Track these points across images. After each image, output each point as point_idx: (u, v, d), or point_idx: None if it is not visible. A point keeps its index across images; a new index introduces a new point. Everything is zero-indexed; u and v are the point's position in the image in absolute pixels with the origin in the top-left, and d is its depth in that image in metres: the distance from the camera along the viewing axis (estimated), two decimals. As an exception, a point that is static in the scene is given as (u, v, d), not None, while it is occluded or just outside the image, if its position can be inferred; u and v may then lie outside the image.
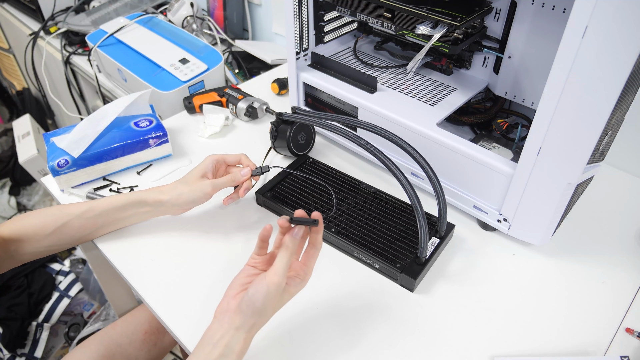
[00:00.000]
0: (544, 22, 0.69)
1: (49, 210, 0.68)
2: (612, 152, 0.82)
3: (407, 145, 0.64)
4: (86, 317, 1.39)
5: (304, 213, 0.51)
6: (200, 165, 0.70)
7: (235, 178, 0.69)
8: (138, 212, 0.70)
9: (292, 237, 0.49)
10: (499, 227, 0.71)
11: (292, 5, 0.80)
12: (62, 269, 1.40)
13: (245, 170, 0.70)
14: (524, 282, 0.67)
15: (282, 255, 0.48)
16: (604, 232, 0.75)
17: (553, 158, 0.58)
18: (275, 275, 0.47)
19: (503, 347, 0.59)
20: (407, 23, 0.71)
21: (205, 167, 0.69)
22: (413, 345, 0.59)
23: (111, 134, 0.83)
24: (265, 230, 0.52)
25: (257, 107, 0.97)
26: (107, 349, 0.80)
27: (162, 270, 0.68)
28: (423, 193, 0.80)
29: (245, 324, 0.48)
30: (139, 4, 1.47)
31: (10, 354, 1.24)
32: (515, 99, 0.79)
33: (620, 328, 0.61)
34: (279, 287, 0.48)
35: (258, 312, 0.48)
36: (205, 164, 0.70)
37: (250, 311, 0.48)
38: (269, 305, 0.48)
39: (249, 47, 1.31)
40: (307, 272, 0.52)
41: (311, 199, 0.76)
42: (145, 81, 1.04)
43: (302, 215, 0.50)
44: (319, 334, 0.60)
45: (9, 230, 0.65)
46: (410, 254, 0.67)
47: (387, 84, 0.83)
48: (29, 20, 1.66)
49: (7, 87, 2.34)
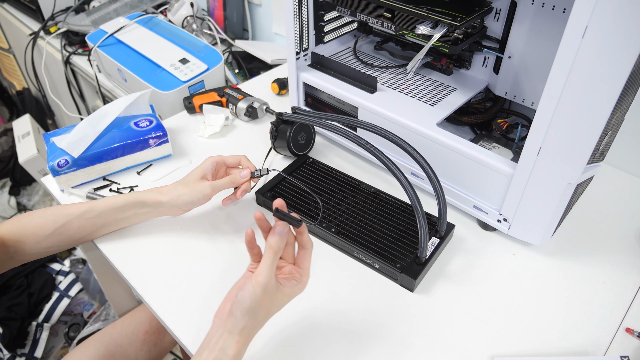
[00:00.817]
0: (544, 22, 0.69)
1: (48, 211, 0.68)
2: (612, 152, 0.82)
3: (407, 145, 0.64)
4: (86, 317, 1.39)
5: (283, 203, 0.51)
6: (200, 167, 0.70)
7: (235, 180, 0.70)
8: (138, 213, 0.70)
9: (273, 235, 0.48)
10: (499, 227, 0.71)
11: (292, 5, 0.80)
12: (62, 269, 1.40)
13: (245, 172, 0.70)
14: (524, 282, 0.67)
15: (266, 255, 0.48)
16: (604, 232, 0.75)
17: (553, 158, 0.58)
18: (259, 276, 0.47)
19: (503, 347, 0.59)
20: (407, 23, 0.71)
21: (205, 169, 0.69)
22: (413, 346, 0.59)
23: (111, 134, 0.83)
24: (248, 235, 0.51)
25: (257, 107, 0.97)
26: (107, 349, 0.80)
27: (162, 270, 0.68)
28: (423, 193, 0.80)
29: (236, 327, 0.48)
30: (139, 4, 1.47)
31: (10, 354, 1.24)
32: (515, 99, 0.79)
33: (620, 328, 0.61)
34: (265, 287, 0.47)
35: (247, 313, 0.47)
36: (205, 165, 0.70)
37: (239, 313, 0.47)
38: (257, 307, 0.47)
39: (249, 47, 1.31)
40: (303, 273, 0.52)
41: (311, 199, 0.76)
42: (145, 81, 1.04)
43: (281, 205, 0.50)
44: (319, 334, 0.60)
45: (8, 230, 0.65)
46: (410, 254, 0.67)
47: (387, 84, 0.83)
48: (29, 20, 1.66)
49: (7, 87, 2.34)
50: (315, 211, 0.74)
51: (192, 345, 0.59)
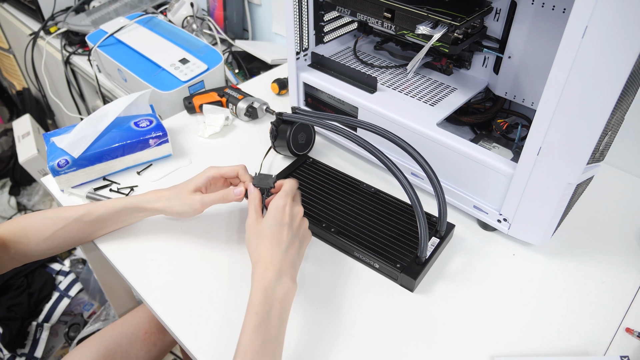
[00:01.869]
0: (544, 22, 0.69)
1: (47, 214, 0.68)
2: (612, 152, 0.82)
3: (407, 145, 0.64)
4: (86, 317, 1.39)
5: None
6: (195, 179, 0.69)
7: (227, 197, 0.68)
8: (135, 216, 0.72)
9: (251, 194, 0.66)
10: (499, 227, 0.71)
11: (292, 5, 0.80)
12: (62, 269, 1.40)
13: (239, 190, 0.68)
14: (524, 282, 0.67)
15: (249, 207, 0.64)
16: (604, 232, 0.75)
17: (553, 158, 0.58)
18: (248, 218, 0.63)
19: (503, 347, 0.59)
20: (407, 23, 0.71)
21: (199, 182, 0.68)
22: (413, 346, 0.59)
23: (111, 134, 0.83)
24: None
25: (257, 107, 0.97)
26: (107, 349, 0.80)
27: (162, 270, 0.68)
28: (423, 193, 0.80)
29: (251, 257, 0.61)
30: (139, 4, 1.47)
31: (10, 354, 1.24)
32: (515, 99, 0.79)
33: (620, 328, 0.61)
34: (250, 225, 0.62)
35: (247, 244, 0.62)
36: (200, 179, 0.69)
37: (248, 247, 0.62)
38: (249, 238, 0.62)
39: (249, 47, 1.31)
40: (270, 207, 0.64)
41: (311, 199, 0.76)
42: (145, 81, 1.04)
43: None
44: (318, 334, 0.60)
45: (9, 232, 0.66)
46: (410, 254, 0.67)
47: (387, 84, 0.83)
48: (29, 20, 1.66)
49: (7, 87, 2.34)
50: (316, 211, 0.74)
51: (192, 346, 0.59)
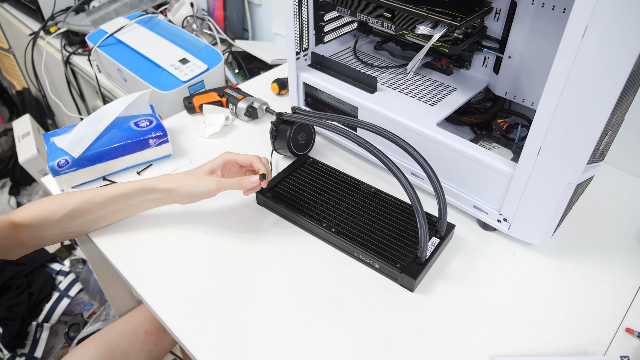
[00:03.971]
0: (544, 22, 0.69)
1: (57, 197, 0.69)
2: (612, 152, 0.82)
3: (407, 145, 0.64)
4: (86, 317, 1.39)
5: None
6: (212, 162, 0.71)
7: (243, 184, 0.69)
8: (146, 200, 0.71)
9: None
10: (499, 227, 0.71)
11: (292, 5, 0.80)
12: (62, 269, 1.40)
13: (254, 178, 0.70)
14: (524, 282, 0.67)
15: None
16: (604, 232, 0.75)
17: (553, 158, 0.58)
18: None
19: (503, 347, 0.59)
20: (407, 23, 0.71)
21: (216, 165, 0.71)
22: (413, 346, 0.59)
23: (111, 134, 0.83)
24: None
25: (257, 107, 0.97)
26: (107, 349, 0.80)
27: (162, 270, 0.68)
28: (423, 193, 0.80)
29: None
30: (139, 4, 1.47)
31: (10, 354, 1.24)
32: (515, 99, 0.79)
33: (620, 328, 0.61)
34: None
35: None
36: (217, 161, 0.71)
37: None
38: None
39: (249, 47, 1.31)
40: None
41: (311, 199, 0.76)
42: (145, 81, 1.04)
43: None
44: (318, 334, 0.60)
45: (21, 216, 0.67)
46: (410, 254, 0.67)
47: (387, 84, 0.83)
48: (29, 20, 1.66)
49: (7, 87, 2.34)
50: (316, 211, 0.74)
51: (192, 346, 0.59)
